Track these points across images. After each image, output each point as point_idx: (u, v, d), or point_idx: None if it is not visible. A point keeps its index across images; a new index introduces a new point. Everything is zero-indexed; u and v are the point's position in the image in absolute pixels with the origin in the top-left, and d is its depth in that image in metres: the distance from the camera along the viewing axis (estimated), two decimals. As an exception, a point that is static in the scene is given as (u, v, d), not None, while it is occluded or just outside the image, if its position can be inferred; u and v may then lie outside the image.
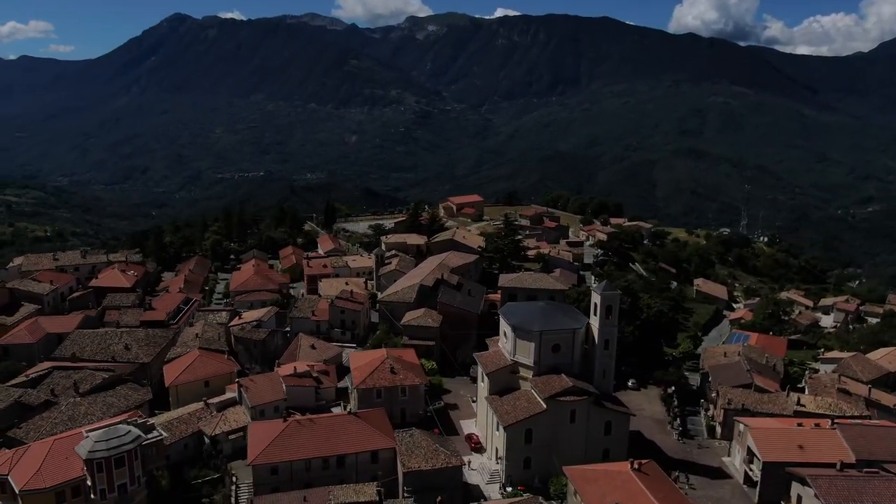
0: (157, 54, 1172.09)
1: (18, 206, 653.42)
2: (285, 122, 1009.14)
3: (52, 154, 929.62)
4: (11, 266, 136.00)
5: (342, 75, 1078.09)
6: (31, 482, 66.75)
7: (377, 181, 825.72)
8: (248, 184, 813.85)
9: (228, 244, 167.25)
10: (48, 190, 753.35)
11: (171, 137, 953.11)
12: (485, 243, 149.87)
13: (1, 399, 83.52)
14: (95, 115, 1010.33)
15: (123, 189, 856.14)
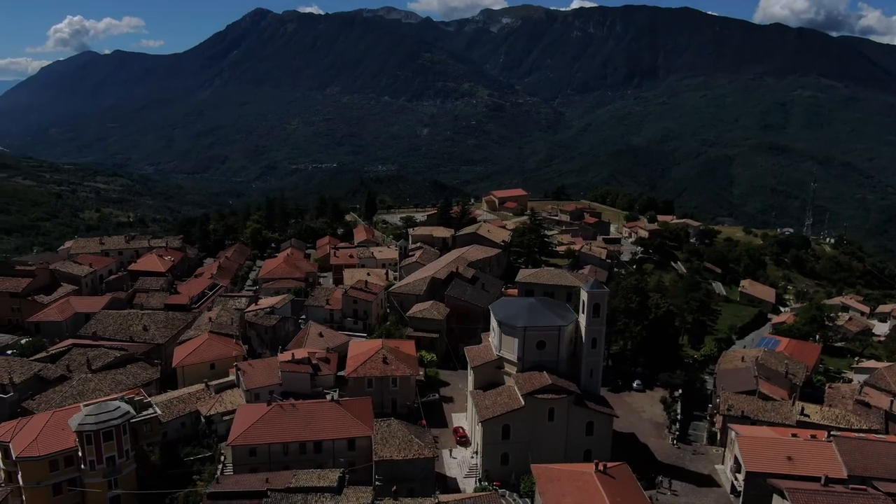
0: (238, 48, 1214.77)
1: (107, 193, 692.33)
2: (359, 115, 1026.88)
3: (140, 144, 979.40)
4: (62, 249, 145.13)
5: (416, 68, 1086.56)
6: (26, 450, 71.62)
7: (447, 174, 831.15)
8: (322, 174, 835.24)
9: (268, 233, 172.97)
10: (134, 178, 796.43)
11: (250, 129, 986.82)
12: (510, 238, 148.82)
13: (22, 372, 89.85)
14: (181, 107, 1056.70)
15: (204, 178, 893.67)
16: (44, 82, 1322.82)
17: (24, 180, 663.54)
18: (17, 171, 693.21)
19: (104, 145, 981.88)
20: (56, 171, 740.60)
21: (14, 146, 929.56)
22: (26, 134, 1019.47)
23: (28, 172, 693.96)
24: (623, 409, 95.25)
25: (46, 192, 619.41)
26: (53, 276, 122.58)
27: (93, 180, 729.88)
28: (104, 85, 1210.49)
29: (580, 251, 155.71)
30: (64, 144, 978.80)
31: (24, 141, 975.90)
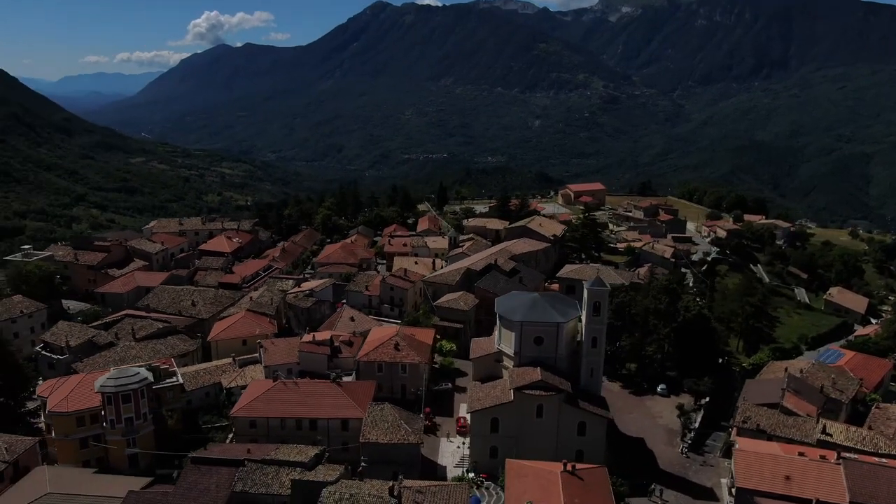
0: (358, 40, 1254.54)
1: (230, 178, 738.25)
2: (471, 106, 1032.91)
3: (265, 132, 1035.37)
4: (146, 227, 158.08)
5: (530, 59, 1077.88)
6: (58, 406, 79.87)
7: (556, 166, 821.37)
8: (432, 164, 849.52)
9: (337, 219, 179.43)
10: (257, 164, 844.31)
11: (366, 118, 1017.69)
12: (564, 233, 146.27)
13: (78, 337, 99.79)
14: (303, 98, 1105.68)
15: (321, 166, 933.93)
16: (182, 74, 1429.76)
17: (160, 164, 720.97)
18: (154, 155, 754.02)
19: (232, 133, 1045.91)
20: (187, 156, 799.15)
21: (155, 132, 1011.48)
22: (166, 121, 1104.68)
23: (163, 157, 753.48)
24: (639, 413, 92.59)
25: (176, 176, 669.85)
26: (127, 252, 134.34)
27: (219, 165, 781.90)
28: (235, 76, 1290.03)
29: (641, 249, 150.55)
30: (197, 131, 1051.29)
31: (163, 128, 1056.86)
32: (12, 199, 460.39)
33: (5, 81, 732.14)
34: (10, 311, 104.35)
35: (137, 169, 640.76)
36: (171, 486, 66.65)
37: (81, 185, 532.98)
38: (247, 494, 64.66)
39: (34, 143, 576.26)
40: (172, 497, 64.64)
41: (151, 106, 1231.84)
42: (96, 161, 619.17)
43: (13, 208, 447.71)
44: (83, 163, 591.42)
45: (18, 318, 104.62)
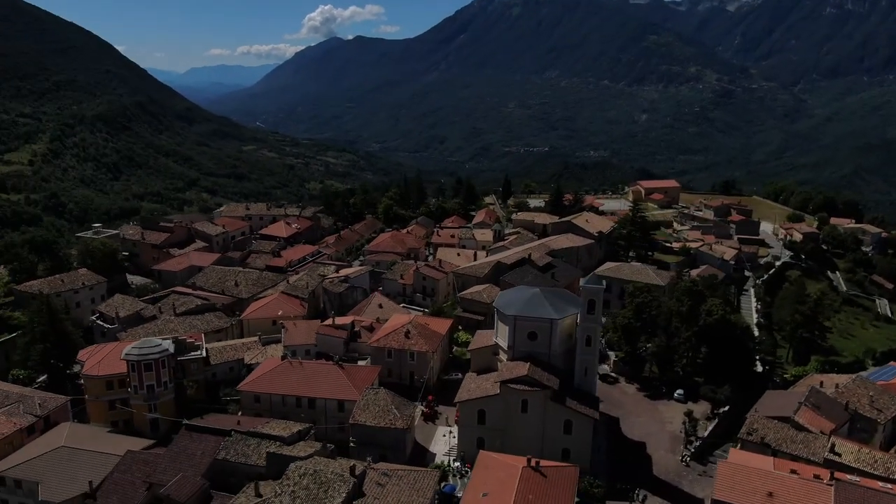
0: (465, 33, 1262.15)
1: (334, 167, 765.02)
2: (575, 99, 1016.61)
3: (371, 123, 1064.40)
4: (217, 211, 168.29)
5: (639, 51, 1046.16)
6: (90, 369, 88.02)
7: (661, 163, 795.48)
8: (532, 157, 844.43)
9: (398, 209, 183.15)
10: (361, 154, 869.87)
11: (469, 111, 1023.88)
12: (612, 230, 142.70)
13: (128, 309, 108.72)
14: (409, 89, 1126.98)
15: (423, 157, 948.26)
16: (296, 66, 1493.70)
17: (269, 152, 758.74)
18: (265, 143, 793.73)
19: (340, 123, 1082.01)
20: (295, 145, 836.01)
21: (269, 122, 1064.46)
22: (279, 111, 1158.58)
23: (273, 145, 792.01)
24: (648, 417, 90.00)
25: (282, 164, 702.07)
26: (190, 234, 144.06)
27: (324, 155, 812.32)
28: (345, 68, 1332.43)
29: (697, 249, 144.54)
30: (307, 121, 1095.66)
31: (276, 118, 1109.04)
32: (133, 181, 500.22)
33: (136, 73, 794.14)
34: (74, 283, 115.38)
35: (247, 156, 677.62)
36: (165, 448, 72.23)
37: (195, 170, 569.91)
38: (227, 462, 69.07)
39: (156, 131, 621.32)
40: (162, 459, 70.10)
41: (267, 96, 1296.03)
42: (211, 148, 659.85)
43: (133, 190, 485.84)
44: (198, 149, 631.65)
45: (80, 289, 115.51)
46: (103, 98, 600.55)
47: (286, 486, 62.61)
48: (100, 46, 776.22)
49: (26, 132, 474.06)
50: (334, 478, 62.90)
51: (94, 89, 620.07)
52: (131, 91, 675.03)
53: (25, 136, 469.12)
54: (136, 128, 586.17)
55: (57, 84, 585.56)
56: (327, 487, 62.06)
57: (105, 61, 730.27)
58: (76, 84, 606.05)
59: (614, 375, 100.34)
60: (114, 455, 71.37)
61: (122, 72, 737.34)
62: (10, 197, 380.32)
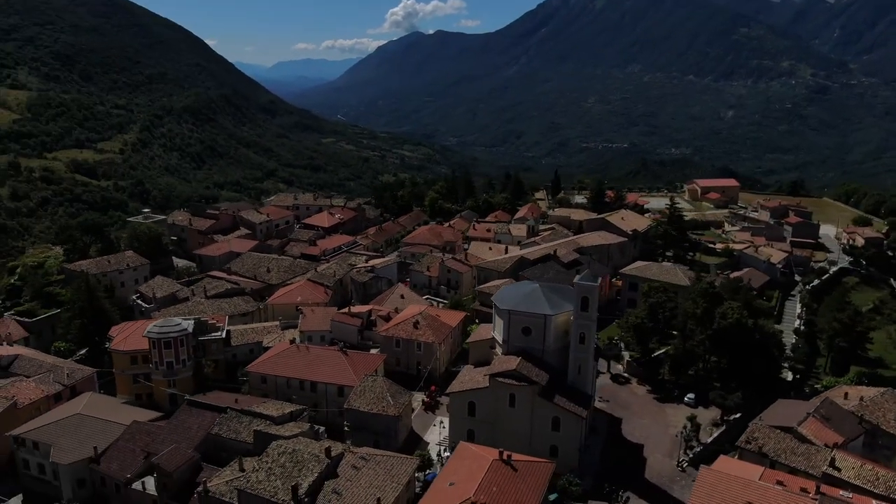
0: (546, 26, 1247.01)
1: (409, 160, 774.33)
2: (658, 94, 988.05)
3: (448, 117, 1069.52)
4: (267, 200, 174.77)
5: (728, 45, 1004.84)
6: (117, 345, 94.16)
7: (745, 161, 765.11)
8: (611, 154, 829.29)
9: (443, 203, 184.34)
10: (437, 148, 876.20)
11: (547, 106, 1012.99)
12: (648, 228, 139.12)
13: (164, 290, 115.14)
14: (488, 84, 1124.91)
15: (499, 151, 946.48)
16: (378, 60, 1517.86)
17: (347, 145, 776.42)
18: (343, 136, 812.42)
19: (418, 117, 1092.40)
20: (373, 138, 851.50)
21: (350, 115, 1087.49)
22: (360, 105, 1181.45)
23: (351, 138, 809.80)
24: (653, 420, 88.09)
25: (358, 156, 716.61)
26: (235, 221, 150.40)
27: (401, 148, 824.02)
28: (426, 62, 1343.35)
29: (741, 251, 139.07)
30: (387, 115, 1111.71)
31: (357, 111, 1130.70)
32: (214, 171, 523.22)
33: (224, 67, 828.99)
34: (119, 264, 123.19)
35: (325, 148, 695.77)
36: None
37: (274, 161, 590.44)
38: (219, 438, 72.69)
39: (239, 122, 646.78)
40: (161, 430, 74.53)
41: (349, 90, 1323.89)
42: (290, 140, 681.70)
43: (213, 179, 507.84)
44: (278, 141, 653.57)
45: (125, 270, 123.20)
46: (191, 91, 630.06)
47: (265, 463, 65.46)
48: (191, 41, 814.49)
49: (119, 122, 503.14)
50: (310, 458, 65.22)
51: (183, 82, 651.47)
52: (218, 84, 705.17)
53: (118, 127, 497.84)
54: (220, 119, 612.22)
55: (150, 77, 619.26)
56: (302, 466, 64.45)
57: (195, 55, 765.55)
58: (167, 77, 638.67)
59: (626, 376, 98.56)
60: (122, 425, 76.39)
61: (210, 65, 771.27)
62: (101, 183, 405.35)
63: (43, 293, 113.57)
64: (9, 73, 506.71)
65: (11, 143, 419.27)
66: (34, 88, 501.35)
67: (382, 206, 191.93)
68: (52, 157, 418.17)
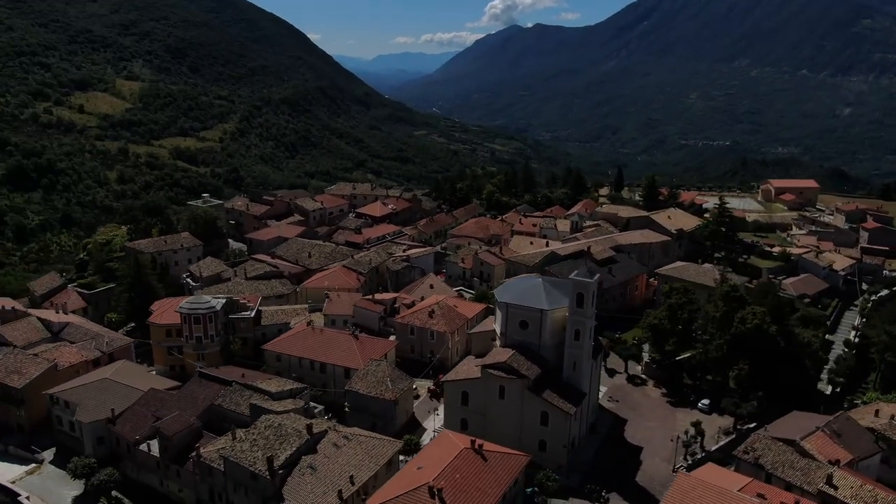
0: (649, 19, 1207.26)
1: (499, 154, 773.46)
2: (766, 91, 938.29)
3: (542, 111, 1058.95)
4: (328, 189, 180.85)
5: (847, 37, 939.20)
6: (154, 318, 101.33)
7: (862, 163, 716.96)
8: (711, 152, 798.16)
9: (499, 196, 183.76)
10: (529, 142, 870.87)
11: (646, 101, 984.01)
12: (697, 228, 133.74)
13: (211, 270, 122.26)
14: (584, 78, 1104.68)
15: (593, 147, 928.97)
16: (475, 54, 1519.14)
17: (438, 138, 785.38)
18: (436, 129, 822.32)
19: (512, 111, 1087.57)
20: (465, 131, 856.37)
21: (444, 109, 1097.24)
22: (455, 98, 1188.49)
23: (443, 131, 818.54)
24: (659, 423, 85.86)
25: (447, 149, 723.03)
26: (289, 207, 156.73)
27: (492, 142, 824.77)
28: (523, 56, 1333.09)
29: (800, 256, 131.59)
30: (481, 109, 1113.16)
31: (452, 104, 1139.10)
32: (306, 160, 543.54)
33: (324, 60, 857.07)
34: (174, 244, 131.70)
35: (415, 141, 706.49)
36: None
37: (364, 152, 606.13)
38: (221, 408, 77.22)
39: (333, 114, 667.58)
40: (171, 399, 79.97)
41: (445, 83, 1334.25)
42: (381, 132, 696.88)
43: (305, 168, 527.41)
44: (370, 133, 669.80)
45: (179, 250, 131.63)
46: (290, 83, 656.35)
47: (251, 434, 69.36)
48: (294, 35, 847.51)
49: (220, 113, 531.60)
50: (293, 433, 68.43)
51: (283, 75, 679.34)
52: (316, 76, 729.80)
53: (219, 117, 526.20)
54: (316, 110, 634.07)
55: (252, 70, 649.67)
56: (283, 440, 67.77)
57: (297, 49, 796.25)
58: (268, 70, 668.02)
59: (643, 377, 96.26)
60: (140, 391, 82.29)
61: (311, 59, 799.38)
62: (199, 170, 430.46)
63: (104, 268, 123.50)
64: (125, 66, 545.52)
65: (123, 131, 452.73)
66: (146, 80, 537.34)
67: (441, 198, 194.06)
68: (158, 145, 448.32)
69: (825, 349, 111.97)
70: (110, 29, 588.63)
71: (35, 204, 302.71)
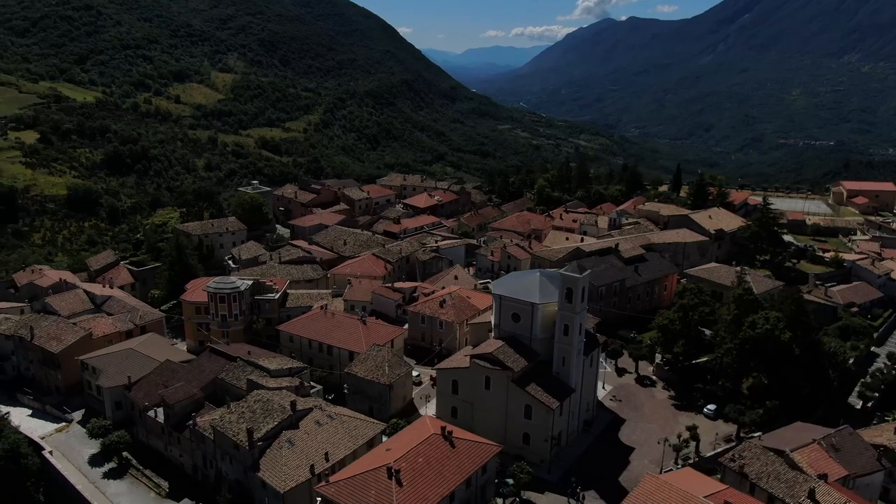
0: (750, 11, 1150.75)
1: (584, 150, 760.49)
2: (879, 87, 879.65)
3: (632, 107, 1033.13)
4: (380, 180, 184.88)
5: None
6: (185, 296, 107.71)
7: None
8: (811, 152, 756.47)
9: (549, 191, 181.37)
10: (615, 138, 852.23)
11: (743, 97, 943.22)
12: (739, 230, 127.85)
13: (251, 253, 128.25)
14: (678, 73, 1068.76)
15: (684, 144, 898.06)
16: (565, 48, 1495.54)
17: (522, 132, 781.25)
18: (520, 124, 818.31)
19: (601, 106, 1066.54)
20: (549, 126, 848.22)
21: (531, 103, 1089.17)
22: (542, 93, 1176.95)
23: (527, 126, 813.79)
24: (660, 426, 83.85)
25: (529, 144, 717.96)
26: (336, 196, 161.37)
27: (577, 137, 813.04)
28: (614, 50, 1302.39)
29: (854, 263, 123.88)
30: (569, 104, 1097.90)
31: (539, 99, 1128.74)
32: (387, 152, 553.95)
33: (412, 54, 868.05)
34: (220, 228, 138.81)
35: (498, 135, 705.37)
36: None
37: (445, 145, 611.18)
38: (223, 382, 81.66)
39: (417, 107, 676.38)
40: (181, 370, 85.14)
41: (533, 77, 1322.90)
42: (464, 125, 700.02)
43: (385, 160, 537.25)
44: (452, 126, 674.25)
45: (224, 233, 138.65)
46: (376, 76, 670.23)
47: (240, 407, 73.14)
48: (384, 29, 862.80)
49: (306, 104, 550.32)
50: (278, 408, 71.67)
51: (370, 68, 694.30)
52: (403, 70, 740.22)
53: (305, 108, 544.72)
54: (399, 103, 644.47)
55: (340, 63, 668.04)
56: (268, 415, 71.11)
57: (386, 43, 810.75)
58: (356, 63, 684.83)
59: (653, 378, 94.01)
60: (158, 361, 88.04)
61: (399, 52, 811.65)
62: (282, 159, 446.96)
63: (155, 248, 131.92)
64: (220, 58, 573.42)
65: (214, 121, 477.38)
66: (239, 72, 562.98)
67: (494, 192, 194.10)
68: (246, 134, 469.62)
69: (867, 362, 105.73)
70: (209, 23, 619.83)
71: (129, 188, 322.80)
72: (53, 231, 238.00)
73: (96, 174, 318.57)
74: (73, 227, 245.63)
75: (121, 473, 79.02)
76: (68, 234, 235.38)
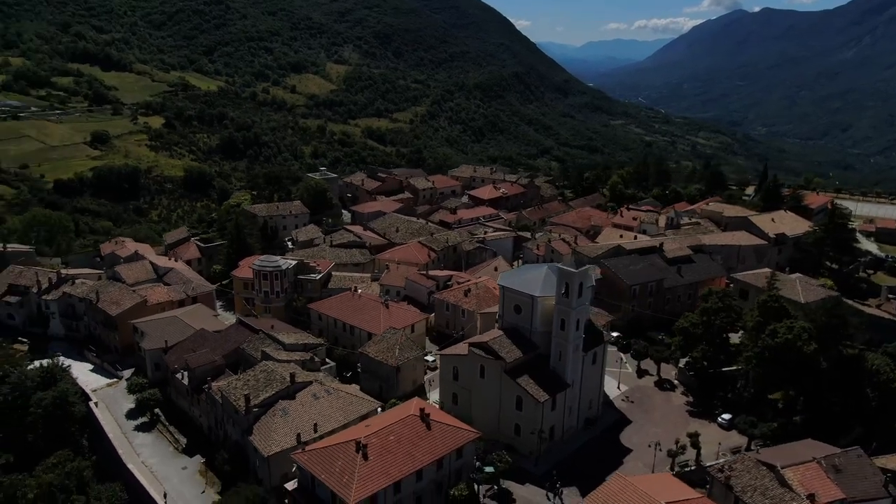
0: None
1: (701, 148, 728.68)
2: None
3: (760, 103, 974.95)
4: (452, 171, 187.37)
5: None
6: (235, 272, 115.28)
7: None
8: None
9: (622, 188, 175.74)
10: (736, 137, 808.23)
11: (889, 95, 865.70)
12: (806, 234, 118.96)
13: (308, 236, 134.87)
14: (814, 67, 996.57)
15: (816, 145, 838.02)
16: (691, 41, 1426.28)
17: (636, 128, 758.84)
18: (635, 119, 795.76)
19: (726, 102, 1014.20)
20: (666, 122, 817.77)
21: (651, 98, 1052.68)
22: (664, 87, 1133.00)
23: (642, 121, 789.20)
24: (666, 431, 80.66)
25: (641, 140, 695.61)
26: (400, 184, 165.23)
27: (695, 135, 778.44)
28: (744, 43, 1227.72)
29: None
30: (691, 99, 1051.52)
31: (660, 94, 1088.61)
32: (491, 145, 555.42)
33: (526, 46, 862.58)
34: (284, 211, 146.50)
35: (608, 131, 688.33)
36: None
37: (552, 139, 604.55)
38: (244, 352, 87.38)
39: (525, 100, 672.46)
40: (211, 339, 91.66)
41: (655, 72, 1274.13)
42: (574, 119, 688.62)
43: (488, 153, 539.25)
44: (561, 120, 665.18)
45: (287, 216, 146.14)
46: (487, 69, 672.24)
47: (247, 375, 78.39)
48: (499, 21, 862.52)
49: (414, 96, 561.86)
50: (279, 379, 76.17)
51: (482, 61, 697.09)
52: (516, 63, 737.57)
53: (413, 100, 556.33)
54: (508, 96, 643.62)
55: (451, 55, 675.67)
56: (268, 384, 75.79)
57: (500, 35, 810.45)
58: (468, 55, 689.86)
59: (674, 382, 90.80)
60: (195, 329, 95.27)
61: (513, 45, 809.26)
62: (386, 149, 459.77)
63: (224, 226, 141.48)
64: (336, 50, 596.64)
65: (325, 111, 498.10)
66: (353, 64, 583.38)
67: (568, 186, 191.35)
68: (354, 124, 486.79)
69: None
70: (328, 16, 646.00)
71: (239, 172, 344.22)
72: (169, 209, 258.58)
73: (212, 158, 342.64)
74: (186, 206, 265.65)
75: (150, 427, 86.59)
76: (182, 213, 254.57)
